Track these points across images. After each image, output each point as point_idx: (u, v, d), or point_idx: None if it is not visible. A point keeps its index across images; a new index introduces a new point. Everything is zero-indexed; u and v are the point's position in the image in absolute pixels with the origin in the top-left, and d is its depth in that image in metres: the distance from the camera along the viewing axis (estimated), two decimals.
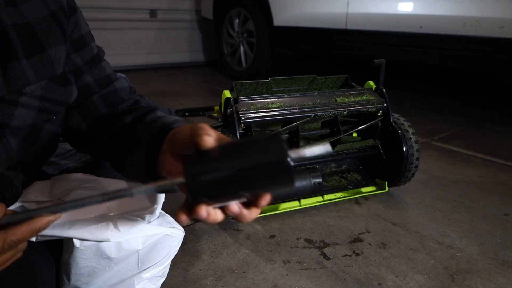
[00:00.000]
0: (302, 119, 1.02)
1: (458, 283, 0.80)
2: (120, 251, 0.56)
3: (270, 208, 1.04)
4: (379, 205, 1.12)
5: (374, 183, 1.19)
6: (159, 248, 0.61)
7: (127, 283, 0.60)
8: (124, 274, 0.60)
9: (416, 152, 1.08)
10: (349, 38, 2.17)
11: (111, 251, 0.56)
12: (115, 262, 0.57)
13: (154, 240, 0.59)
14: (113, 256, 0.56)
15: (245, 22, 2.84)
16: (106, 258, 0.56)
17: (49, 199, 0.54)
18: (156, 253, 0.61)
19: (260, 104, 0.98)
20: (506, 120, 2.02)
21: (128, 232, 0.56)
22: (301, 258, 0.87)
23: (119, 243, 0.56)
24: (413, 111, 2.12)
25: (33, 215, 0.40)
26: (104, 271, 0.58)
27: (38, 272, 0.56)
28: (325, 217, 1.05)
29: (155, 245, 0.60)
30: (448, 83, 3.00)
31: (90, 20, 0.67)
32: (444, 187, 1.24)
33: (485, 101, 2.46)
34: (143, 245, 0.58)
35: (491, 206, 1.12)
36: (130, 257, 0.58)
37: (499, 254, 0.89)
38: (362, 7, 2.05)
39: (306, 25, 2.35)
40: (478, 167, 1.40)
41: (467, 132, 1.81)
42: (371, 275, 0.82)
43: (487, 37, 1.64)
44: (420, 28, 1.85)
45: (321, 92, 1.07)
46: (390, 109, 1.11)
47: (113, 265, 0.58)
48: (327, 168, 1.23)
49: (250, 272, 0.82)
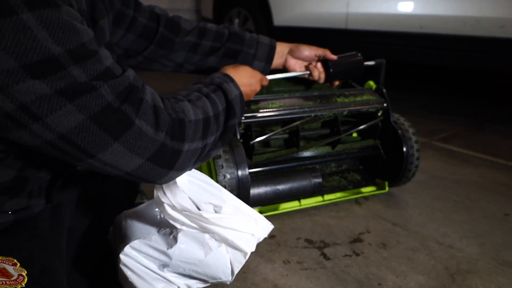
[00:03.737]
0: (302, 119, 1.02)
1: (458, 283, 0.80)
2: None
3: (270, 208, 1.04)
4: (379, 205, 1.12)
5: (374, 183, 1.19)
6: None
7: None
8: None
9: (416, 152, 1.08)
10: (349, 38, 2.17)
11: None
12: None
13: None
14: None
15: (245, 22, 2.84)
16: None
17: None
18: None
19: (260, 104, 0.98)
20: (506, 120, 2.02)
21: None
22: (301, 258, 0.87)
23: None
24: (413, 111, 2.12)
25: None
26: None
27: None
28: (325, 217, 1.05)
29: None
30: (448, 83, 3.00)
31: None
32: (444, 187, 1.24)
33: (485, 101, 2.46)
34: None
35: (491, 206, 1.12)
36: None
37: (499, 254, 0.89)
38: (362, 7, 2.05)
39: (306, 25, 2.35)
40: (478, 167, 1.40)
41: (467, 132, 1.81)
42: (371, 275, 0.82)
43: (487, 37, 1.64)
44: (420, 28, 1.85)
45: (321, 92, 1.07)
46: (390, 109, 1.11)
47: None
48: (327, 168, 1.23)
49: (250, 272, 0.82)
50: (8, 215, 0.55)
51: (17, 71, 0.37)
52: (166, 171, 0.52)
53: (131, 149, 0.47)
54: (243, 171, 0.88)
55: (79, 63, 0.41)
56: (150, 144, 0.48)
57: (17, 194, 0.54)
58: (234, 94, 0.67)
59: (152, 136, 0.48)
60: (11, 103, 0.39)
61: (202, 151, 0.58)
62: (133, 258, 0.60)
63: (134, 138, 0.47)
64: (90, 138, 0.43)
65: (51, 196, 0.61)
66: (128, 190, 0.89)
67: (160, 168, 0.51)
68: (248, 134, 1.02)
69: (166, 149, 0.50)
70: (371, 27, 2.04)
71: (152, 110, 0.49)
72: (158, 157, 0.50)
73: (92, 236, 0.72)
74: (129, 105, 0.46)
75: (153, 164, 0.50)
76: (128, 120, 0.46)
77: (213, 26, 0.92)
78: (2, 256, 0.50)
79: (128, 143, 0.46)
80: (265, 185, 1.00)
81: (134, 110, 0.46)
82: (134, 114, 0.46)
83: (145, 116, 0.47)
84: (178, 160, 0.53)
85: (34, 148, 0.44)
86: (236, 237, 0.59)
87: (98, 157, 0.46)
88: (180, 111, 0.54)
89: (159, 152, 0.50)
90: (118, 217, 0.70)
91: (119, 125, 0.45)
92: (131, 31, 0.80)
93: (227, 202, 0.62)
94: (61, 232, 0.63)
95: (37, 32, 0.38)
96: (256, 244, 0.62)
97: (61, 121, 0.41)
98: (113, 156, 0.46)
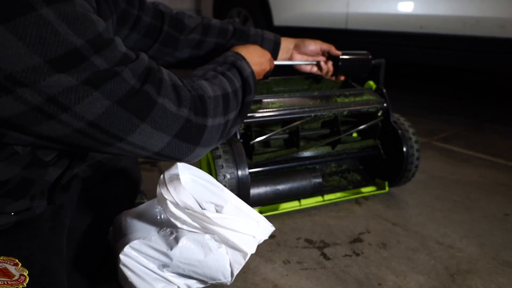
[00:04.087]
0: (302, 119, 1.02)
1: (458, 283, 0.80)
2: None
3: (270, 208, 1.04)
4: (379, 205, 1.12)
5: (374, 183, 1.19)
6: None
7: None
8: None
9: (416, 152, 1.08)
10: (349, 38, 2.17)
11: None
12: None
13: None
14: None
15: (245, 22, 2.84)
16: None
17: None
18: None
19: (260, 104, 0.98)
20: (506, 120, 2.02)
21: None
22: (301, 258, 0.87)
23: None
24: (413, 111, 2.12)
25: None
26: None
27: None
28: (325, 217, 1.05)
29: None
30: (448, 83, 3.00)
31: None
32: (444, 187, 1.24)
33: (485, 101, 2.46)
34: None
35: (491, 206, 1.12)
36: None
37: (499, 254, 0.89)
38: (362, 7, 2.05)
39: (306, 25, 2.35)
40: (478, 167, 1.40)
41: (467, 132, 1.81)
42: (371, 275, 0.82)
43: (487, 37, 1.64)
44: (420, 28, 1.85)
45: (321, 92, 1.07)
46: (390, 109, 1.11)
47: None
48: (327, 168, 1.23)
49: (250, 272, 0.82)
50: (10, 216, 0.55)
51: (43, 67, 0.38)
52: (193, 147, 0.54)
53: (158, 128, 0.48)
54: (243, 171, 0.88)
55: (99, 52, 0.42)
56: (175, 121, 0.50)
57: (21, 196, 0.54)
58: (248, 72, 0.70)
59: (175, 113, 0.50)
60: (39, 97, 0.39)
61: (225, 127, 0.61)
62: (133, 258, 0.60)
63: (159, 117, 0.48)
64: (118, 121, 0.45)
65: (53, 197, 0.61)
66: (128, 190, 0.89)
67: (187, 144, 0.53)
68: (248, 134, 1.02)
69: (191, 125, 0.52)
70: (371, 27, 2.04)
71: (172, 88, 0.51)
72: (184, 133, 0.52)
73: (92, 236, 0.72)
74: (150, 85, 0.47)
75: (180, 140, 0.52)
76: (151, 100, 0.47)
77: (217, 22, 0.92)
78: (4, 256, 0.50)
79: (155, 122, 0.48)
80: (265, 185, 1.00)
81: (155, 90, 0.48)
82: (156, 93, 0.48)
83: (166, 94, 0.49)
84: (203, 135, 0.55)
85: (62, 139, 0.45)
86: (237, 238, 0.59)
87: (127, 139, 0.47)
88: (198, 88, 0.56)
89: (184, 128, 0.51)
90: (118, 217, 0.70)
91: (143, 105, 0.46)
92: (135, 30, 0.80)
93: (229, 202, 0.62)
94: (62, 232, 0.63)
95: (58, 26, 0.38)
96: (256, 245, 0.62)
97: (89, 108, 0.42)
98: (141, 136, 0.48)
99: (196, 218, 0.57)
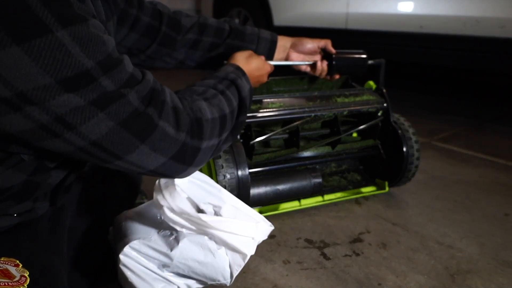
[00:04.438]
0: (302, 119, 1.02)
1: (458, 283, 0.80)
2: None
3: (270, 208, 1.04)
4: (379, 205, 1.12)
5: (374, 183, 1.19)
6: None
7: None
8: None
9: (416, 152, 1.08)
10: (349, 38, 2.17)
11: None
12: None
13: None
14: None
15: (245, 22, 2.84)
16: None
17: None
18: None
19: (260, 104, 0.98)
20: (506, 120, 2.02)
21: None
22: (301, 258, 0.87)
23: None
24: (413, 111, 2.12)
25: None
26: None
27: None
28: (325, 217, 1.05)
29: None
30: (448, 83, 3.00)
31: None
32: (444, 187, 1.24)
33: (485, 101, 2.46)
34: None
35: (491, 206, 1.12)
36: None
37: (499, 254, 0.89)
38: (362, 7, 2.05)
39: (306, 25, 2.35)
40: (478, 167, 1.40)
41: (467, 132, 1.81)
42: (371, 275, 0.82)
43: (487, 37, 1.64)
44: (420, 28, 1.85)
45: (321, 92, 1.07)
46: (390, 109, 1.11)
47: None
48: (327, 168, 1.23)
49: (250, 272, 0.82)
50: (13, 217, 0.55)
51: (53, 87, 0.39)
52: (186, 167, 0.55)
53: (156, 150, 0.49)
54: (243, 171, 0.88)
55: (108, 73, 0.43)
56: (173, 144, 0.51)
57: (25, 199, 0.55)
58: (246, 90, 0.70)
59: (174, 137, 0.51)
60: (47, 116, 0.40)
61: (217, 146, 0.62)
62: (132, 258, 0.60)
63: (158, 139, 0.49)
64: (119, 142, 0.46)
65: (56, 199, 0.62)
66: (128, 190, 0.89)
67: (181, 165, 0.54)
68: (248, 134, 1.02)
69: (187, 148, 0.53)
70: (371, 27, 2.04)
71: (172, 111, 0.51)
72: (180, 155, 0.53)
73: (93, 236, 0.72)
74: (152, 108, 0.48)
75: (174, 162, 0.53)
76: (153, 123, 0.48)
77: (213, 21, 0.93)
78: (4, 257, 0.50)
79: (153, 144, 0.49)
80: (265, 185, 1.00)
81: (157, 113, 0.48)
82: (157, 117, 0.48)
83: (167, 117, 0.50)
84: (197, 156, 0.56)
85: (63, 154, 0.46)
86: (236, 240, 0.59)
87: (126, 158, 0.48)
88: (197, 110, 0.56)
89: (180, 151, 0.52)
90: (118, 217, 0.70)
91: (145, 128, 0.47)
92: (134, 30, 0.80)
93: (227, 202, 0.62)
94: (62, 232, 0.63)
95: (71, 48, 0.39)
96: (255, 247, 0.62)
97: (93, 129, 0.43)
98: (139, 157, 0.49)
99: (193, 222, 0.57)
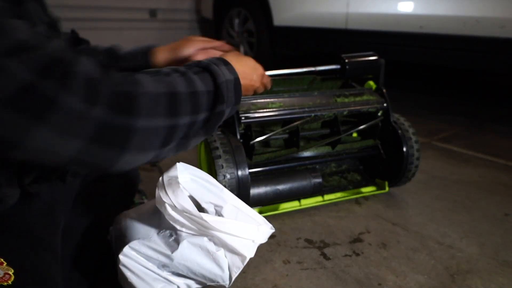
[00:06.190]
0: (302, 119, 1.02)
1: (458, 283, 0.80)
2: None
3: (270, 208, 1.04)
4: (379, 205, 1.12)
5: (374, 183, 1.19)
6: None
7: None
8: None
9: (416, 152, 1.08)
10: (349, 38, 2.17)
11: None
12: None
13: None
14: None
15: (245, 22, 2.84)
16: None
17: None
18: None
19: (260, 104, 0.98)
20: (506, 120, 2.02)
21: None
22: (301, 258, 0.87)
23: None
24: (413, 111, 2.12)
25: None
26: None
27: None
28: (325, 217, 1.05)
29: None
30: (448, 83, 3.00)
31: (89, 20, 0.71)
32: (444, 187, 1.24)
33: (485, 101, 2.46)
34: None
35: (491, 206, 1.12)
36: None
37: (499, 254, 0.89)
38: (362, 7, 2.05)
39: (306, 25, 2.35)
40: (478, 167, 1.40)
41: (467, 132, 1.81)
42: (371, 275, 0.82)
43: (487, 37, 1.64)
44: (420, 28, 1.85)
45: (321, 92, 1.07)
46: (390, 109, 1.11)
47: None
48: (327, 168, 1.23)
49: (250, 272, 0.82)
50: None
51: None
52: (118, 153, 0.45)
53: (63, 131, 0.40)
54: (243, 171, 0.88)
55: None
56: (85, 122, 0.41)
57: None
58: (224, 78, 0.60)
59: (83, 112, 0.41)
60: None
61: (171, 132, 0.50)
62: (132, 258, 0.60)
63: (62, 118, 0.40)
64: (7, 125, 0.38)
65: (23, 184, 0.57)
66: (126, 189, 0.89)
67: (109, 150, 0.44)
68: (248, 134, 1.02)
69: (111, 126, 0.43)
70: (371, 27, 2.04)
71: (84, 82, 0.41)
72: (102, 136, 0.43)
73: (92, 236, 0.72)
74: (52, 81, 0.39)
75: (98, 146, 0.43)
76: (51, 98, 0.39)
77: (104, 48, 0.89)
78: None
79: (56, 125, 0.40)
80: (265, 185, 1.00)
81: (57, 86, 0.39)
82: (57, 90, 0.39)
83: (73, 90, 0.40)
84: (131, 138, 0.45)
85: None
86: (236, 242, 0.59)
87: (24, 145, 0.40)
88: (130, 82, 0.46)
89: (101, 131, 0.42)
90: (118, 217, 0.70)
91: (39, 105, 0.38)
92: None
93: (228, 202, 0.62)
94: (55, 229, 0.62)
95: None
96: (255, 249, 0.62)
97: None
98: (42, 142, 0.40)
99: (194, 221, 0.57)
